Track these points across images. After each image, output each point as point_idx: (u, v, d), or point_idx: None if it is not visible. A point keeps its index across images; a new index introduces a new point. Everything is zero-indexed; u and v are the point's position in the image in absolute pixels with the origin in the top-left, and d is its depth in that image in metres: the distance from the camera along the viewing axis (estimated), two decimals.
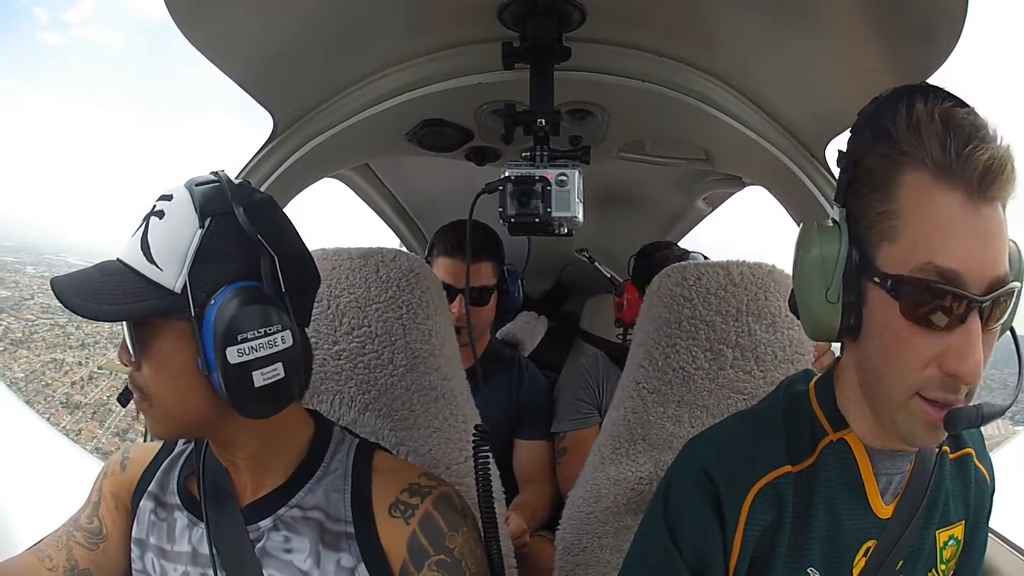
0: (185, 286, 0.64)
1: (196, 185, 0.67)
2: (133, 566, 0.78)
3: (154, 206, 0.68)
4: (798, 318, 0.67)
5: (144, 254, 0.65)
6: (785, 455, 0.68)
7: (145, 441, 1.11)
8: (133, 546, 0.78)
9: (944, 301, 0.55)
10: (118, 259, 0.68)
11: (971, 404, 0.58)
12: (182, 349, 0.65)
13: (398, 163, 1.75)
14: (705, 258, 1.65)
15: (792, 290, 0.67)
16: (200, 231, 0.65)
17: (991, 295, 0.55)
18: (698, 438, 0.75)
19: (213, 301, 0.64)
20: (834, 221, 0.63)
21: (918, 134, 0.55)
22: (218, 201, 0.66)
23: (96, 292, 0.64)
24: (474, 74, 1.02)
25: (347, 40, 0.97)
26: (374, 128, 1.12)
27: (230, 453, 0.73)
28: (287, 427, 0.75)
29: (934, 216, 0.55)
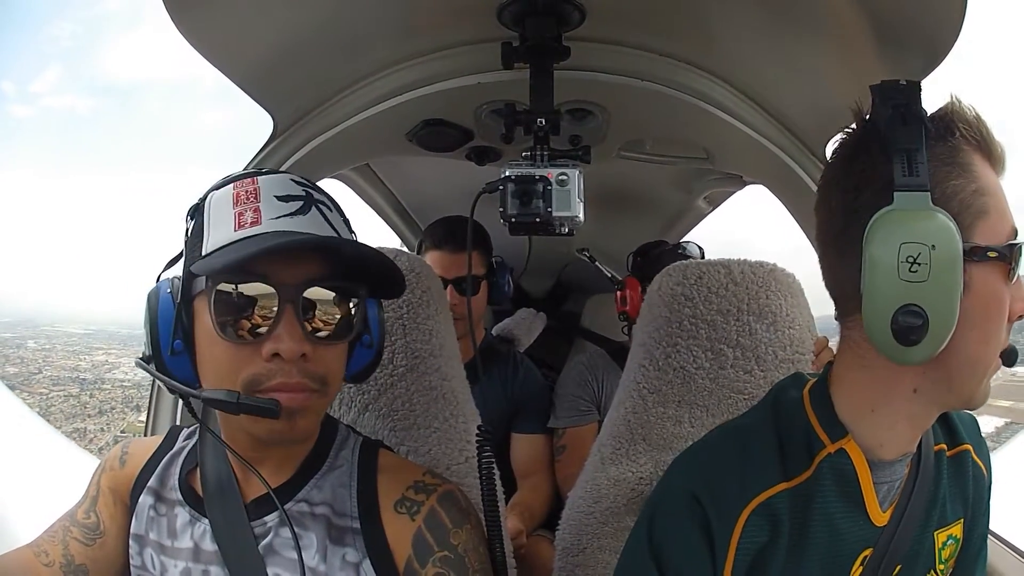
0: None
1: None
2: (131, 562, 0.78)
3: (310, 193, 0.70)
4: (905, 343, 0.57)
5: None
6: (779, 472, 0.66)
7: (146, 435, 1.12)
8: (131, 542, 0.78)
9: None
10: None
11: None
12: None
13: (398, 163, 1.75)
14: (699, 248, 1.66)
15: (864, 317, 0.59)
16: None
17: None
18: (684, 457, 0.72)
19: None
20: (931, 210, 0.57)
21: (979, 124, 0.62)
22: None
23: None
24: (474, 74, 1.02)
25: (347, 40, 0.97)
26: (374, 128, 1.12)
27: (261, 445, 0.71)
28: None
29: (998, 189, 0.62)
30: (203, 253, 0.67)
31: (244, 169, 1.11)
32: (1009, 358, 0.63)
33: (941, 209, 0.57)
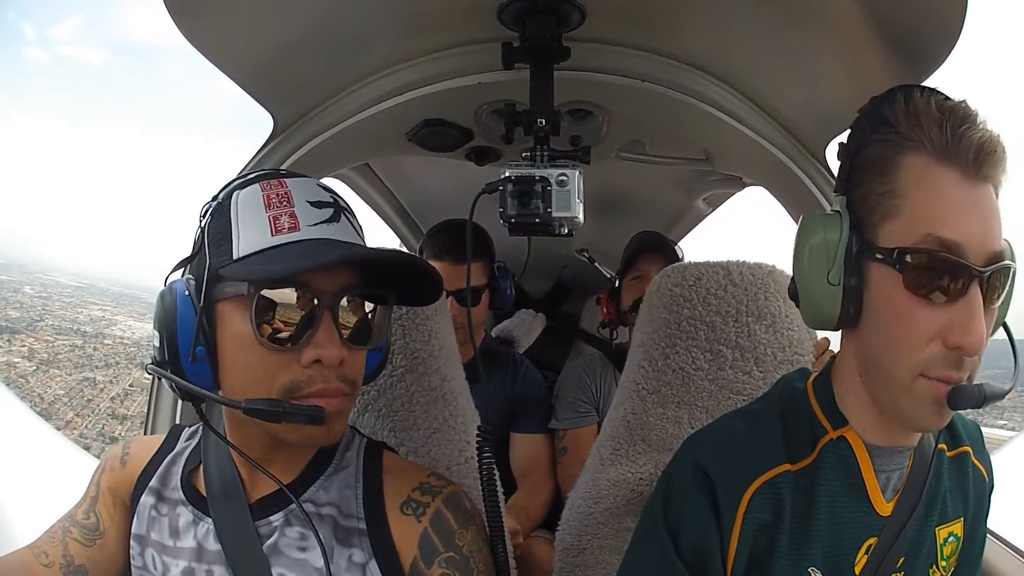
0: None
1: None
2: (132, 562, 0.78)
3: (336, 200, 0.71)
4: (797, 306, 0.69)
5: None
6: (783, 454, 0.68)
7: (146, 433, 1.11)
8: (132, 542, 0.78)
9: (945, 271, 0.57)
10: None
11: (974, 384, 0.59)
12: None
13: (398, 163, 1.75)
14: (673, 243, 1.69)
15: (792, 279, 0.69)
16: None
17: (990, 267, 0.57)
18: (696, 436, 0.75)
19: None
20: (835, 210, 0.65)
21: (917, 119, 0.59)
22: None
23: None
24: (474, 74, 1.02)
25: (347, 40, 0.97)
26: (374, 128, 1.12)
27: (275, 447, 0.71)
28: None
29: (933, 192, 0.58)
30: (235, 256, 0.65)
31: (244, 169, 1.11)
32: (952, 398, 0.57)
33: (844, 207, 0.63)
